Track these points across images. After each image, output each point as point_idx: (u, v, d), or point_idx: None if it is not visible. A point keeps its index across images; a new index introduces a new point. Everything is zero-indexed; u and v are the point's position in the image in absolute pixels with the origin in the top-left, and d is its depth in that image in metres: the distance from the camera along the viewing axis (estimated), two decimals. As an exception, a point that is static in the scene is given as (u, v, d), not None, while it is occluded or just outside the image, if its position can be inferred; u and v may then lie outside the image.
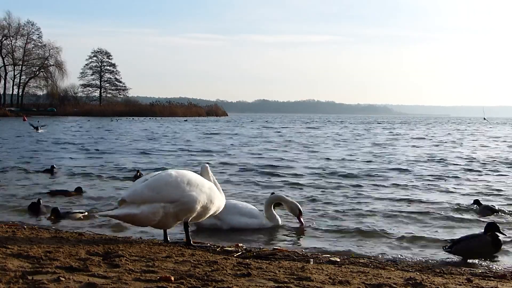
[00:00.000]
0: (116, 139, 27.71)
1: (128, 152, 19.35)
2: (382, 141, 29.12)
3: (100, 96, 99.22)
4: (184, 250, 5.20)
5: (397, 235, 6.73)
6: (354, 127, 57.18)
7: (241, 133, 36.76)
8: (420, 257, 5.77)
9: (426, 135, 37.94)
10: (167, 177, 5.34)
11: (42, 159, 16.40)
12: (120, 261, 4.32)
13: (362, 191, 10.37)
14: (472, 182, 11.98)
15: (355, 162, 16.44)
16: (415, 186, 11.06)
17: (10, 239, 5.13)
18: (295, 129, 48.73)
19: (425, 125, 71.27)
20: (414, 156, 18.56)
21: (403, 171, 13.83)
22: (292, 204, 7.13)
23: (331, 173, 13.32)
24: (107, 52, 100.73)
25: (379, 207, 8.64)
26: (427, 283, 4.06)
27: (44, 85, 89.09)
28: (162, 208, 5.22)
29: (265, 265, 4.54)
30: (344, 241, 6.44)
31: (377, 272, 4.57)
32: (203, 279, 3.81)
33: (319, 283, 3.92)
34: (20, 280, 3.56)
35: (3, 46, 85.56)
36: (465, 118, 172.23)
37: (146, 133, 35.46)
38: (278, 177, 12.54)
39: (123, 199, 5.26)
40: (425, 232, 6.93)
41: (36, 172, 12.89)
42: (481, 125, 67.61)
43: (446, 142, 29.13)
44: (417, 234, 6.80)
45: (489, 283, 4.35)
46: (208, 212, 5.59)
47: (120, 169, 13.73)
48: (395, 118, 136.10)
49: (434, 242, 6.47)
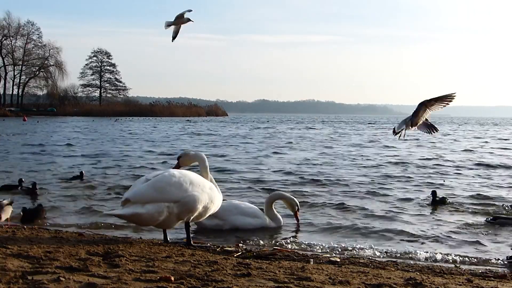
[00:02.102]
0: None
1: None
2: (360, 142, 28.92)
3: (100, 96, 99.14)
4: (184, 250, 5.20)
5: (397, 235, 6.74)
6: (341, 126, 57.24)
7: (218, 133, 36.02)
8: (420, 257, 5.77)
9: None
10: (171, 177, 5.38)
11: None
12: (120, 261, 4.32)
13: (359, 191, 10.38)
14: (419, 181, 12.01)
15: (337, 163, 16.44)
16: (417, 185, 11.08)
17: (10, 239, 5.13)
18: (282, 128, 48.19)
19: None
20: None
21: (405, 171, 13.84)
22: (292, 200, 7.21)
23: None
24: (107, 52, 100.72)
25: (379, 206, 8.66)
26: (427, 283, 4.06)
27: (44, 85, 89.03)
28: (166, 208, 5.27)
29: (265, 265, 4.54)
30: (344, 241, 6.44)
31: (377, 272, 4.57)
32: (203, 279, 3.81)
33: (319, 283, 3.92)
34: (20, 280, 3.56)
35: (3, 46, 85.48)
36: (465, 118, 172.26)
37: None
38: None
39: (127, 199, 5.29)
40: (426, 232, 6.94)
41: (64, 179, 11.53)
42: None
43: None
44: (416, 233, 6.81)
45: (489, 283, 4.35)
46: (208, 212, 5.65)
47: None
48: (390, 118, 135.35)
49: (435, 241, 6.48)
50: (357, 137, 33.09)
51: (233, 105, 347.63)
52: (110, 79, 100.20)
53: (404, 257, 5.76)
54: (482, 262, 5.66)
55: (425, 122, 6.26)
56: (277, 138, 30.47)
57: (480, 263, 5.64)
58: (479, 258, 5.78)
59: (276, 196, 7.34)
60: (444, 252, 5.98)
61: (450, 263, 5.56)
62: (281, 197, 7.32)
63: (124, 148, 21.45)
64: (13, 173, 12.45)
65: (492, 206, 8.76)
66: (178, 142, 25.86)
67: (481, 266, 5.47)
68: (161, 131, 37.91)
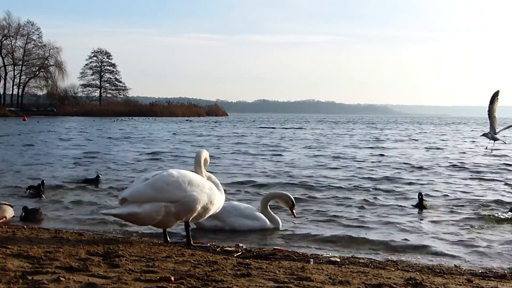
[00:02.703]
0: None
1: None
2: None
3: (100, 96, 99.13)
4: (184, 250, 5.20)
5: (396, 235, 6.74)
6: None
7: (201, 134, 35.59)
8: (420, 257, 5.77)
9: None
10: (169, 177, 5.36)
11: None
12: (120, 261, 4.32)
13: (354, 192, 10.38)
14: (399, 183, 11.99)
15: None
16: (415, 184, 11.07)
17: (10, 239, 5.13)
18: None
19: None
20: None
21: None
22: (285, 196, 7.17)
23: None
24: (107, 52, 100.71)
25: (377, 206, 8.66)
26: (427, 283, 4.06)
27: (44, 85, 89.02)
28: (164, 208, 5.25)
29: (265, 265, 4.54)
30: (344, 241, 6.44)
31: (377, 272, 4.57)
32: (203, 279, 3.81)
33: (319, 283, 3.92)
34: (20, 280, 3.56)
35: (3, 46, 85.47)
36: (465, 118, 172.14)
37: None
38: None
39: (125, 197, 5.28)
40: (426, 232, 6.94)
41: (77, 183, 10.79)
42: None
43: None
44: (416, 233, 6.81)
45: (489, 283, 4.35)
46: (208, 213, 5.63)
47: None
48: (389, 118, 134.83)
49: (435, 242, 6.47)
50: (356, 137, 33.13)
51: (233, 105, 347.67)
52: (110, 79, 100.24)
53: (404, 257, 5.75)
54: (482, 262, 5.66)
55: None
56: (272, 139, 30.43)
57: (480, 263, 5.63)
58: (479, 258, 5.78)
59: (270, 195, 7.30)
60: (444, 252, 5.97)
61: (450, 263, 5.56)
62: (274, 196, 7.28)
63: (142, 149, 21.15)
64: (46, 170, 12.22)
65: (490, 207, 8.73)
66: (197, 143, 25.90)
67: (481, 266, 5.47)
68: (178, 133, 37.28)
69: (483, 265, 5.54)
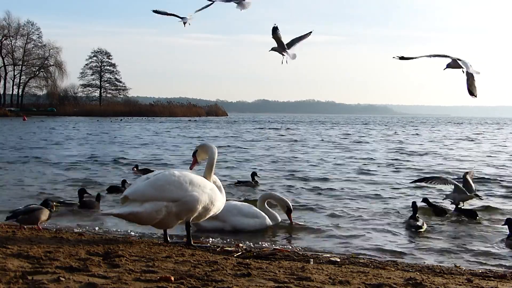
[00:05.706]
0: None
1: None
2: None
3: (100, 96, 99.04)
4: (184, 250, 5.20)
5: (396, 235, 6.74)
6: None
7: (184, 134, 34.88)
8: (420, 257, 5.77)
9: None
10: (170, 176, 5.37)
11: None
12: (120, 261, 4.32)
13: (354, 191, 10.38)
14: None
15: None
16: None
17: (10, 239, 5.13)
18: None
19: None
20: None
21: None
22: (282, 201, 7.20)
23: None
24: (107, 52, 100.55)
25: (377, 206, 8.66)
26: (427, 283, 4.06)
27: (44, 85, 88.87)
28: (164, 207, 5.26)
29: (265, 265, 4.54)
30: (343, 241, 6.44)
31: (377, 272, 4.57)
32: (203, 279, 3.81)
33: (319, 283, 3.92)
34: (20, 280, 3.56)
35: (3, 46, 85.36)
36: (464, 118, 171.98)
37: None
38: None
39: (126, 196, 5.29)
40: (426, 232, 6.94)
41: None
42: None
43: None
44: (416, 233, 6.81)
45: (489, 283, 4.35)
46: (209, 213, 5.62)
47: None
48: (385, 119, 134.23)
49: (435, 241, 6.48)
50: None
51: (233, 105, 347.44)
52: (110, 79, 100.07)
53: (404, 257, 5.75)
54: (482, 262, 5.66)
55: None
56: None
57: (480, 263, 5.63)
58: (479, 258, 5.78)
59: (268, 195, 7.36)
60: (444, 252, 5.97)
61: (450, 263, 5.56)
62: (272, 197, 7.34)
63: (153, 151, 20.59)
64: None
65: (489, 209, 8.74)
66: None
67: (481, 266, 5.47)
68: (189, 133, 36.57)
69: (483, 265, 5.54)
